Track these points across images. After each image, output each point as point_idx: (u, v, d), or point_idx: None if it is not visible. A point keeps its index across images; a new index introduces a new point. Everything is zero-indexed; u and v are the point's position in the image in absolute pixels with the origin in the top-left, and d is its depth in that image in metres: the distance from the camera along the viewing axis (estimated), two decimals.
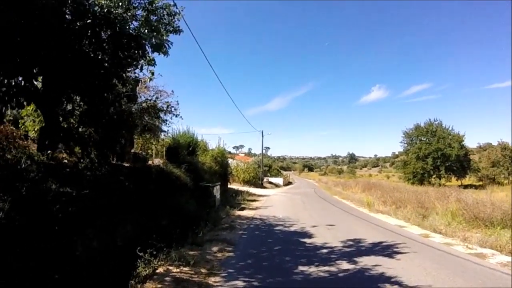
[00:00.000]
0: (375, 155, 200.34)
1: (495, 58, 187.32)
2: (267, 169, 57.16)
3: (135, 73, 9.11)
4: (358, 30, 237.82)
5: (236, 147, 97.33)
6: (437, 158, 43.23)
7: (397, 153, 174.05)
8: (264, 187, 40.61)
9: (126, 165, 10.39)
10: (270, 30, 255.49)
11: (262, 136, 43.26)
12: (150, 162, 13.89)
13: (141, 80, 10.13)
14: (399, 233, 10.50)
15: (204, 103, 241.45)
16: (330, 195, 28.47)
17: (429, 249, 8.26)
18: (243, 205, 17.07)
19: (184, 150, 16.40)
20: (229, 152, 51.01)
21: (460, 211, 12.17)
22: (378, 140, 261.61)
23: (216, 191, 15.12)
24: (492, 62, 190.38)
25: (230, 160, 42.48)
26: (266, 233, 9.73)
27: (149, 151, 16.45)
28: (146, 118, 12.57)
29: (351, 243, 8.50)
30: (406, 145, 49.55)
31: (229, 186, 26.33)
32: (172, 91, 12.23)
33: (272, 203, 19.10)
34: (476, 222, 11.11)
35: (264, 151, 56.44)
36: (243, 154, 76.10)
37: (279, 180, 53.52)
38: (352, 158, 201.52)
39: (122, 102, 9.55)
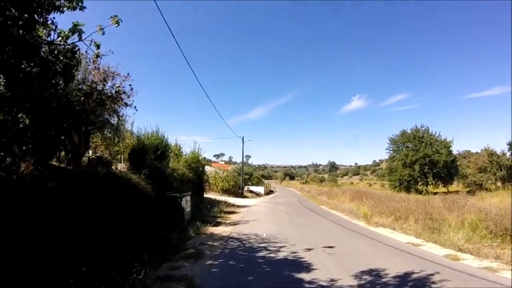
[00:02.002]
0: (356, 164, 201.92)
1: (473, 69, 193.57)
2: (248, 177, 54.38)
3: (68, 45, 6.37)
4: (339, 41, 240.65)
5: (217, 155, 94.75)
6: (424, 165, 41.74)
7: (377, 161, 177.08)
8: (245, 197, 37.77)
9: (69, 168, 7.76)
10: (251, 40, 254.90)
11: (243, 142, 40.57)
12: (113, 167, 11.33)
13: (79, 54, 7.37)
14: (419, 255, 8.04)
15: (186, 112, 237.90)
16: (317, 205, 25.96)
17: (476, 281, 5.79)
18: (219, 219, 14.25)
19: (151, 153, 13.85)
20: (209, 160, 48.08)
21: (483, 223, 10.00)
22: (358, 149, 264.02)
23: (186, 202, 12.27)
24: (470, 73, 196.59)
25: (208, 168, 39.68)
26: (246, 263, 6.82)
27: (119, 156, 13.70)
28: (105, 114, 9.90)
29: (368, 277, 5.86)
30: (392, 152, 47.97)
31: (205, 195, 23.41)
32: (128, 74, 9.35)
33: (253, 216, 16.32)
34: (507, 237, 8.98)
35: (245, 159, 53.83)
36: (223, 162, 73.25)
37: (260, 189, 50.90)
38: (333, 167, 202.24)
39: (57, 83, 6.86)
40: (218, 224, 12.79)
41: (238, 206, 21.91)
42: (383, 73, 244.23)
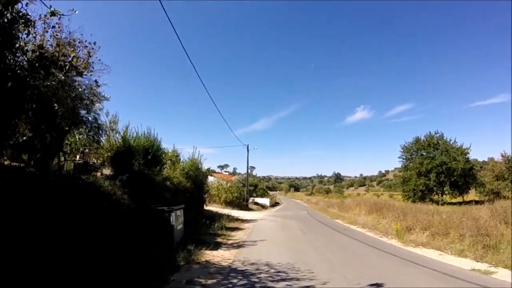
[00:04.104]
0: (361, 174, 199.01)
1: (476, 77, 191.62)
2: (252, 188, 51.62)
3: None
4: (342, 53, 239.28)
5: (221, 167, 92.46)
6: (441, 173, 38.71)
7: (383, 171, 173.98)
8: (250, 209, 35.00)
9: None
10: (255, 52, 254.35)
11: (248, 150, 38.04)
12: (99, 173, 10.17)
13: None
14: None
15: (190, 124, 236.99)
16: (331, 219, 23.15)
17: None
18: (219, 239, 11.57)
19: (140, 158, 11.66)
20: (212, 170, 45.42)
21: None
22: (363, 160, 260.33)
23: (176, 218, 9.64)
24: (473, 82, 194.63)
25: (210, 178, 37.05)
26: None
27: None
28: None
29: None
30: (405, 160, 44.90)
31: (206, 208, 20.76)
32: (95, 43, 6.91)
33: (261, 234, 13.53)
34: None
35: (249, 170, 51.03)
36: (227, 173, 70.69)
37: (265, 201, 48.06)
38: (338, 178, 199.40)
39: None
40: (217, 245, 10.09)
41: (243, 221, 19.18)
42: (387, 84, 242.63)
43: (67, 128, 8.48)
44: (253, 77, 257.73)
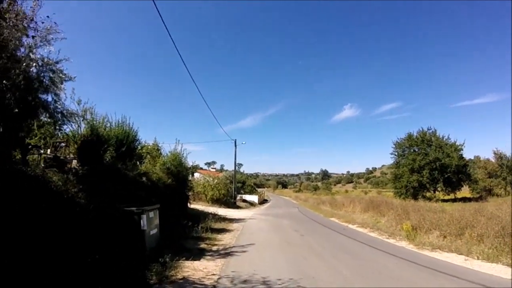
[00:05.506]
0: (348, 172, 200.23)
1: (463, 77, 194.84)
2: (240, 185, 49.91)
3: None
4: (329, 51, 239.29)
5: (208, 163, 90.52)
6: (434, 170, 37.77)
7: (371, 168, 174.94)
8: (238, 207, 33.26)
9: None
10: (242, 51, 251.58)
11: (235, 145, 36.19)
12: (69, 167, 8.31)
13: None
14: None
15: (177, 122, 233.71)
16: (324, 217, 21.61)
17: None
18: (203, 244, 9.77)
19: (112, 149, 10.04)
20: (197, 166, 43.44)
21: None
22: (350, 157, 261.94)
23: (148, 221, 7.80)
24: (460, 82, 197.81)
25: (196, 175, 35.15)
26: None
27: None
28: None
29: None
30: (397, 156, 43.89)
31: (191, 206, 18.95)
32: None
33: (252, 237, 11.79)
34: None
35: (237, 167, 49.17)
36: (214, 170, 68.74)
37: (254, 198, 46.44)
38: (325, 175, 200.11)
39: None
40: (200, 253, 8.31)
41: (231, 220, 17.41)
42: (374, 83, 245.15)
43: (16, 110, 6.60)
44: (240, 75, 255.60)
